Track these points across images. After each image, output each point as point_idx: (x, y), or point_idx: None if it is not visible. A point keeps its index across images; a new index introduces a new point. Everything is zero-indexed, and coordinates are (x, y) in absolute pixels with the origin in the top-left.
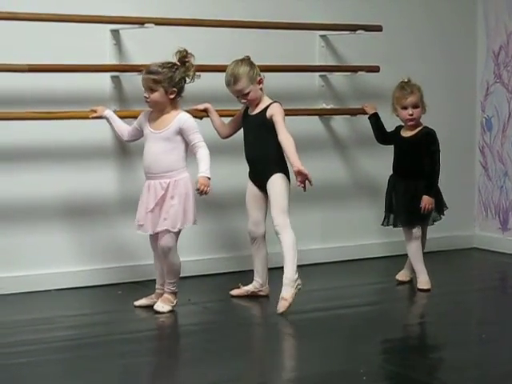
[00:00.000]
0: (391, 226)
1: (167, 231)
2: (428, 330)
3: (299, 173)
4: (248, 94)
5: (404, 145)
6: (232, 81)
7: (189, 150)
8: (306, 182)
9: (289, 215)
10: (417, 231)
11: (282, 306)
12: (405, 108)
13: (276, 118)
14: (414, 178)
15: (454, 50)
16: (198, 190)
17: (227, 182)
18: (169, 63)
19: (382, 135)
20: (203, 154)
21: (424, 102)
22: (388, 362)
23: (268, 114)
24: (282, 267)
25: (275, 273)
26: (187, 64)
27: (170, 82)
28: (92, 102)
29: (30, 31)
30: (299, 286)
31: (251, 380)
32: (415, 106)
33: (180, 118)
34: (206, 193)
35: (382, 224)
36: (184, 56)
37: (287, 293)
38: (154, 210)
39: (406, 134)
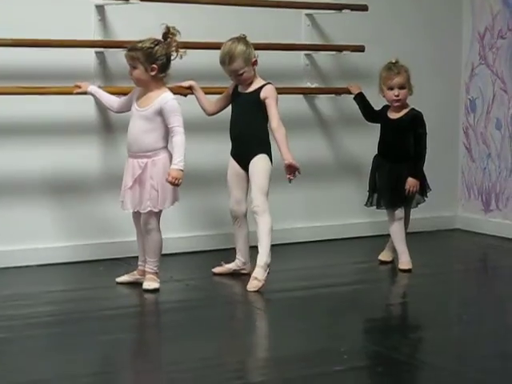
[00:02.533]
0: (374, 207)
1: (149, 211)
2: (409, 311)
3: (290, 166)
4: (242, 74)
5: (390, 126)
6: (227, 60)
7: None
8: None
9: (268, 197)
10: (399, 212)
11: (254, 285)
12: (391, 89)
13: (269, 101)
14: (399, 159)
15: (440, 30)
16: (169, 182)
17: (211, 160)
18: (150, 39)
19: (369, 114)
20: (178, 141)
21: (411, 84)
22: (369, 342)
23: (262, 95)
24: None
25: (257, 251)
26: (168, 40)
27: (148, 59)
28: (76, 77)
29: (14, 5)
30: (269, 271)
31: (232, 358)
32: (401, 87)
33: (163, 97)
34: (177, 185)
35: (366, 204)
36: (167, 32)
37: (260, 274)
38: (132, 188)
39: (392, 115)
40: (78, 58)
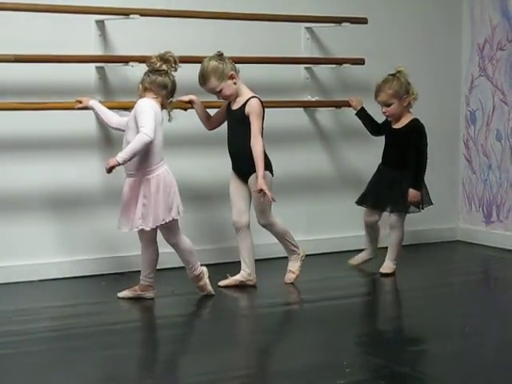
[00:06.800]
0: (363, 206)
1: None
2: (411, 323)
3: (261, 191)
4: (221, 91)
5: (393, 136)
6: (201, 80)
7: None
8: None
9: (271, 211)
10: (398, 219)
11: (289, 277)
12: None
13: (251, 117)
14: (401, 168)
15: (439, 42)
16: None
17: (213, 174)
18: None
19: (374, 127)
20: (135, 139)
21: (405, 93)
22: (371, 355)
23: (246, 110)
24: (269, 258)
25: (262, 264)
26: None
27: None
28: (77, 92)
29: (16, 21)
30: (303, 258)
31: (235, 372)
32: (386, 104)
33: (137, 103)
34: (107, 171)
35: (356, 202)
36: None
37: (294, 266)
38: (126, 207)
39: (395, 125)
40: (79, 72)
